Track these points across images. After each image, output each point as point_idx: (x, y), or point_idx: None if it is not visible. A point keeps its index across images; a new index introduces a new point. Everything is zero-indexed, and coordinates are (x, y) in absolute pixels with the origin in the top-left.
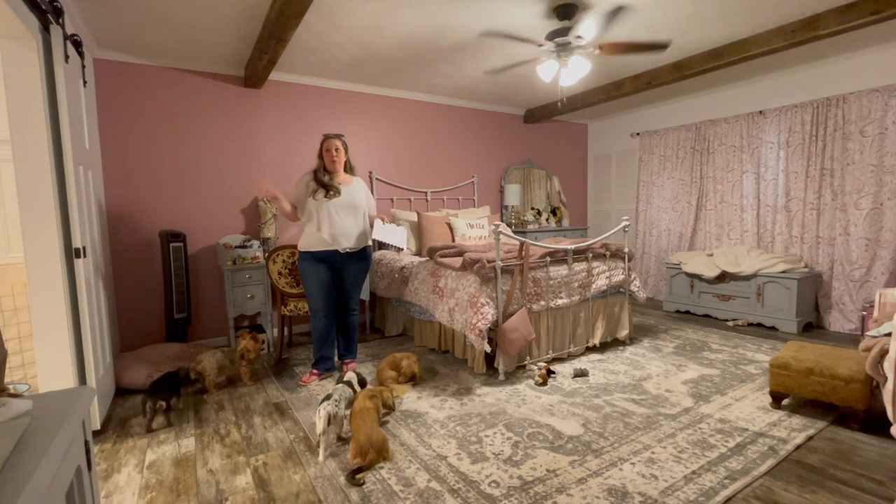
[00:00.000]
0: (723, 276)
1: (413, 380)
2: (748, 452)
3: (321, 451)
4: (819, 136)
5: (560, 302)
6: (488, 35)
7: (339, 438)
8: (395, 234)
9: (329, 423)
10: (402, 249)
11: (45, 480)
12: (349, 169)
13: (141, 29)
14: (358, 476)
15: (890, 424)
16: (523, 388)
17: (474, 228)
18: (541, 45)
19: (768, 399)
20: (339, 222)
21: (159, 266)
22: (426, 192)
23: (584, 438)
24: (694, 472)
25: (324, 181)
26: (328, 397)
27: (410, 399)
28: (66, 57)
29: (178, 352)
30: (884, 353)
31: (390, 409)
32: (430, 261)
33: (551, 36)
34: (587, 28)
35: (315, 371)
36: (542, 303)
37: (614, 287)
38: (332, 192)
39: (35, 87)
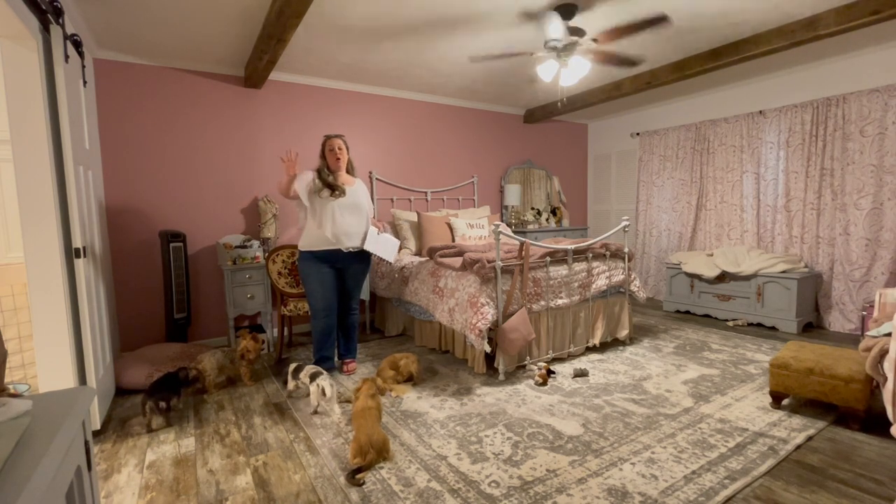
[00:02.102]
0: (723, 276)
1: (411, 379)
2: (748, 452)
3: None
4: (819, 136)
5: (560, 302)
6: (491, 29)
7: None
8: (386, 246)
9: (325, 394)
10: (391, 262)
11: (45, 480)
12: (350, 170)
13: (141, 29)
14: (358, 476)
15: (890, 424)
16: (523, 388)
17: (474, 228)
18: (550, 41)
19: (768, 399)
20: (342, 221)
21: (159, 266)
22: (426, 192)
23: (584, 438)
24: (694, 472)
25: (328, 181)
26: (318, 373)
27: (410, 399)
28: (66, 57)
29: (178, 352)
30: (884, 353)
31: (381, 392)
32: (430, 261)
33: (549, 38)
34: (583, 25)
35: None
36: (542, 303)
37: (614, 287)
38: (337, 192)
39: (35, 87)
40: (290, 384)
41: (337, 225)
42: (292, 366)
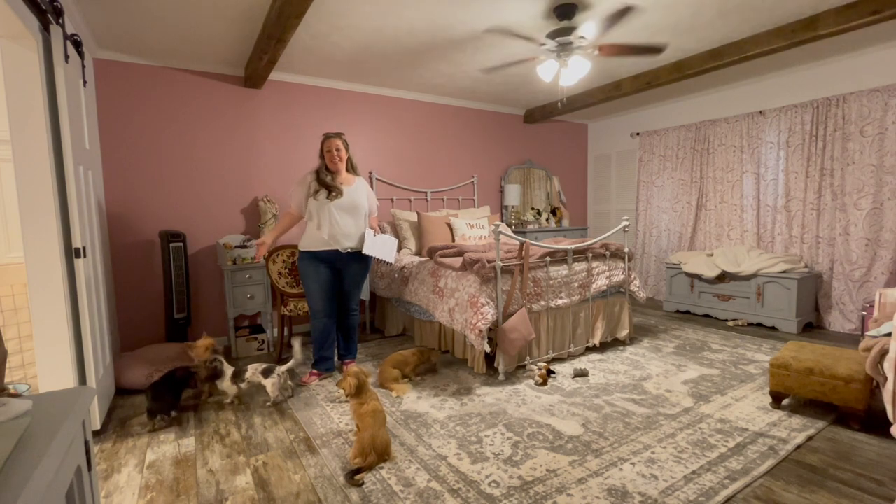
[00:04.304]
0: (723, 276)
1: (431, 367)
2: (748, 452)
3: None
4: (819, 136)
5: (560, 302)
6: (490, 32)
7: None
8: (384, 248)
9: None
10: (391, 263)
11: (45, 480)
12: (351, 168)
13: (141, 29)
14: (357, 477)
15: (890, 424)
16: (523, 388)
17: (474, 228)
18: (542, 45)
19: (768, 399)
20: (340, 223)
21: (159, 266)
22: (426, 192)
23: (584, 438)
24: (694, 472)
25: (326, 182)
26: (271, 368)
27: (410, 399)
28: (66, 57)
29: (178, 352)
30: (884, 353)
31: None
32: (430, 261)
33: (553, 35)
34: (587, 28)
35: (315, 371)
36: (542, 303)
37: (614, 287)
38: (334, 193)
39: (35, 87)
40: (231, 390)
41: (334, 226)
42: (230, 371)
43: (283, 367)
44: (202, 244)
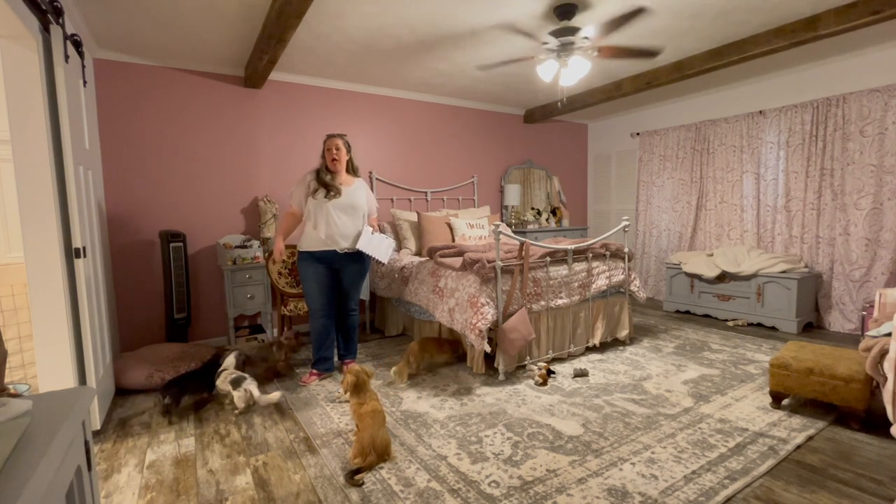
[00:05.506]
0: (723, 276)
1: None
2: (748, 452)
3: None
4: (819, 136)
5: (560, 302)
6: (492, 29)
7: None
8: (380, 247)
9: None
10: (384, 264)
11: (45, 480)
12: (352, 170)
13: (141, 29)
14: (357, 477)
15: (890, 424)
16: (523, 388)
17: (474, 228)
18: (544, 43)
19: (768, 399)
20: (337, 223)
21: (159, 266)
22: (426, 192)
23: (584, 438)
24: (694, 472)
25: (325, 181)
26: (241, 378)
27: (410, 399)
28: (66, 57)
29: (178, 352)
30: (884, 353)
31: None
32: (430, 261)
33: (556, 33)
34: (589, 29)
35: (315, 371)
36: (542, 303)
37: (614, 287)
38: (332, 193)
39: (35, 87)
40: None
41: (331, 226)
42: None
43: (253, 384)
44: (202, 244)
